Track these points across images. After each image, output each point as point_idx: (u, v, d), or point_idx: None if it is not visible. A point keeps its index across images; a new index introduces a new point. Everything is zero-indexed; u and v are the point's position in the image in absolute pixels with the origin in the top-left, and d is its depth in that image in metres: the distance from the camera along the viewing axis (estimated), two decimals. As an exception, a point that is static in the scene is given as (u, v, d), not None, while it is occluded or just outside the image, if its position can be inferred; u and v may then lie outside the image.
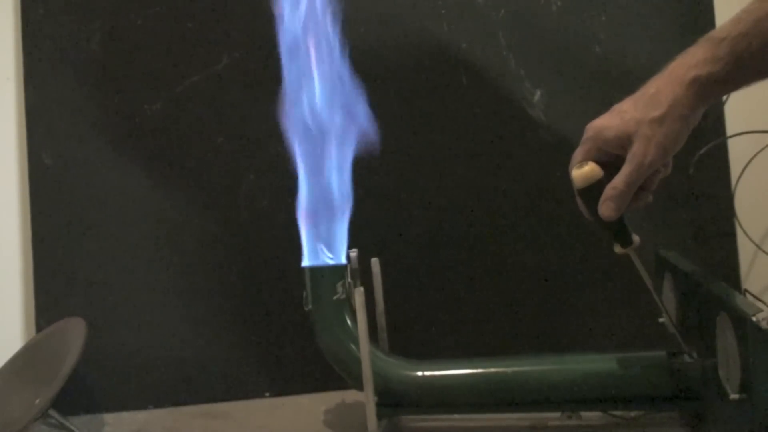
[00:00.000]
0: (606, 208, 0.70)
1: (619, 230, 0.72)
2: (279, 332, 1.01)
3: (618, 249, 0.73)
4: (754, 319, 0.59)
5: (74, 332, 0.91)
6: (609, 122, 0.69)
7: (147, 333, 1.01)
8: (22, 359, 0.97)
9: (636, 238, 0.73)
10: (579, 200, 0.73)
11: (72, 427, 0.90)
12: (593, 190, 0.70)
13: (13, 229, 1.05)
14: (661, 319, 0.84)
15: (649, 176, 0.71)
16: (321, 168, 0.81)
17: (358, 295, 0.75)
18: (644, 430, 0.80)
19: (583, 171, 0.71)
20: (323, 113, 0.81)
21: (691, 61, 0.65)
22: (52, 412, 0.88)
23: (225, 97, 1.02)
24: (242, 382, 1.01)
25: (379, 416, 0.78)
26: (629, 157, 0.68)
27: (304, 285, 0.80)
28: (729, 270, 1.02)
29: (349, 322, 0.80)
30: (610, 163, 0.70)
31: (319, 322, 0.80)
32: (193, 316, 1.01)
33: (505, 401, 0.79)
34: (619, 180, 0.69)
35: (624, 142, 0.68)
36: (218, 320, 1.01)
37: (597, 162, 0.70)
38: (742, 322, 0.61)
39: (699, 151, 0.99)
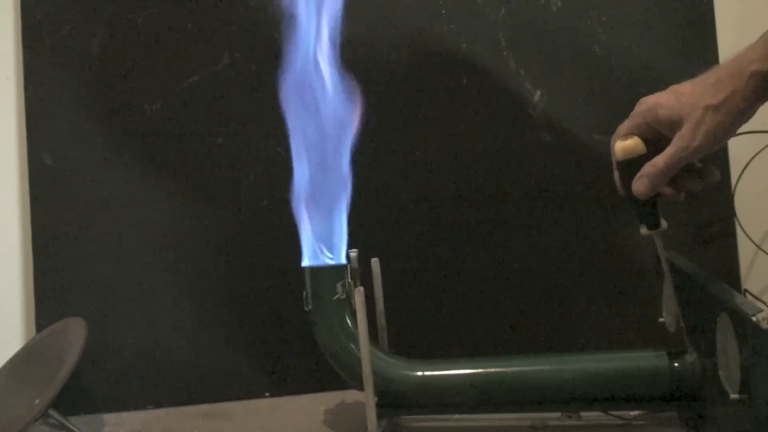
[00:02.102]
0: (640, 184, 0.69)
1: (649, 211, 0.71)
2: (279, 332, 1.01)
3: (644, 231, 0.73)
4: (754, 319, 0.59)
5: (74, 332, 0.91)
6: (664, 100, 0.68)
7: (147, 333, 1.01)
8: (22, 359, 0.97)
9: (664, 224, 0.72)
10: (616, 174, 0.72)
11: (72, 427, 0.90)
12: (633, 165, 0.70)
13: (13, 229, 1.05)
14: (661, 319, 0.84)
15: (690, 175, 0.70)
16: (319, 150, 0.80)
17: (358, 295, 0.76)
18: (644, 430, 0.81)
19: (626, 144, 0.70)
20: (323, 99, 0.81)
21: (753, 56, 0.64)
22: (52, 412, 0.88)
23: (225, 97, 1.01)
24: (242, 382, 1.01)
25: (379, 416, 0.78)
26: (676, 138, 0.67)
27: (304, 285, 0.80)
28: (729, 270, 1.02)
29: (349, 322, 0.80)
30: (654, 142, 0.70)
31: (319, 322, 0.80)
32: (192, 316, 1.01)
33: (505, 401, 0.79)
34: (660, 159, 0.68)
35: (675, 123, 0.67)
36: (218, 320, 1.01)
37: (642, 138, 0.70)
38: (742, 322, 0.61)
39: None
